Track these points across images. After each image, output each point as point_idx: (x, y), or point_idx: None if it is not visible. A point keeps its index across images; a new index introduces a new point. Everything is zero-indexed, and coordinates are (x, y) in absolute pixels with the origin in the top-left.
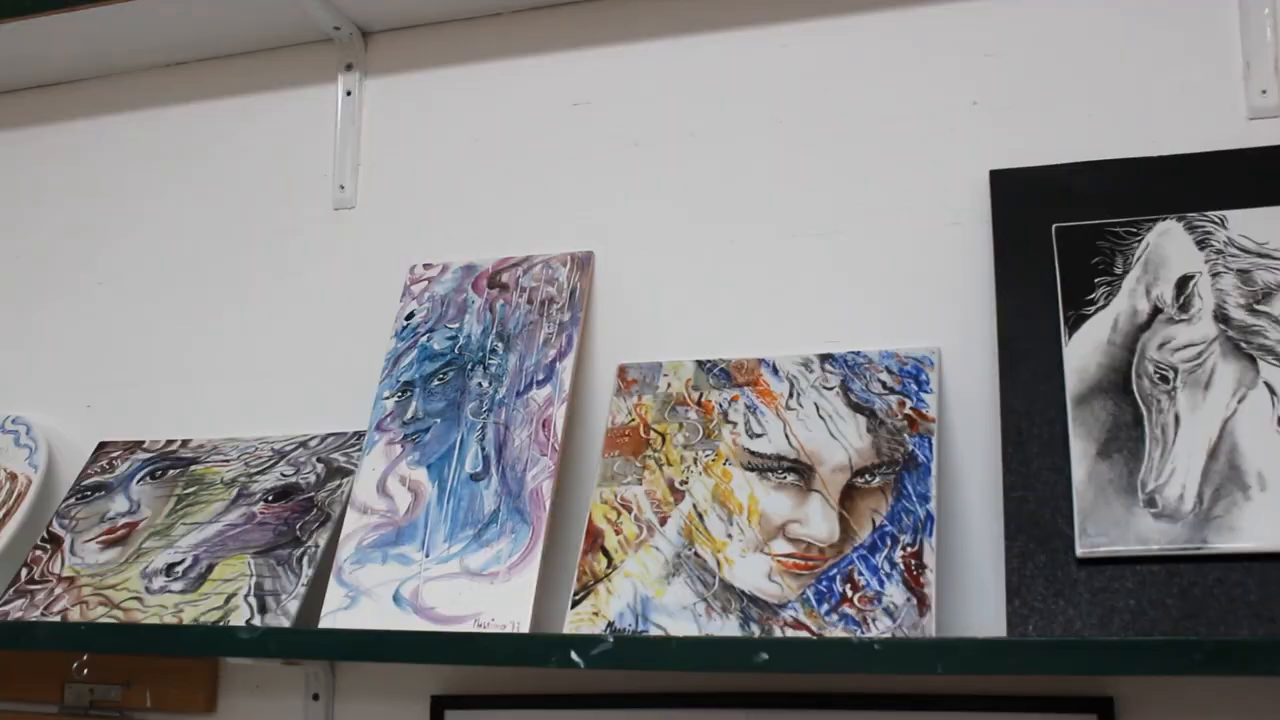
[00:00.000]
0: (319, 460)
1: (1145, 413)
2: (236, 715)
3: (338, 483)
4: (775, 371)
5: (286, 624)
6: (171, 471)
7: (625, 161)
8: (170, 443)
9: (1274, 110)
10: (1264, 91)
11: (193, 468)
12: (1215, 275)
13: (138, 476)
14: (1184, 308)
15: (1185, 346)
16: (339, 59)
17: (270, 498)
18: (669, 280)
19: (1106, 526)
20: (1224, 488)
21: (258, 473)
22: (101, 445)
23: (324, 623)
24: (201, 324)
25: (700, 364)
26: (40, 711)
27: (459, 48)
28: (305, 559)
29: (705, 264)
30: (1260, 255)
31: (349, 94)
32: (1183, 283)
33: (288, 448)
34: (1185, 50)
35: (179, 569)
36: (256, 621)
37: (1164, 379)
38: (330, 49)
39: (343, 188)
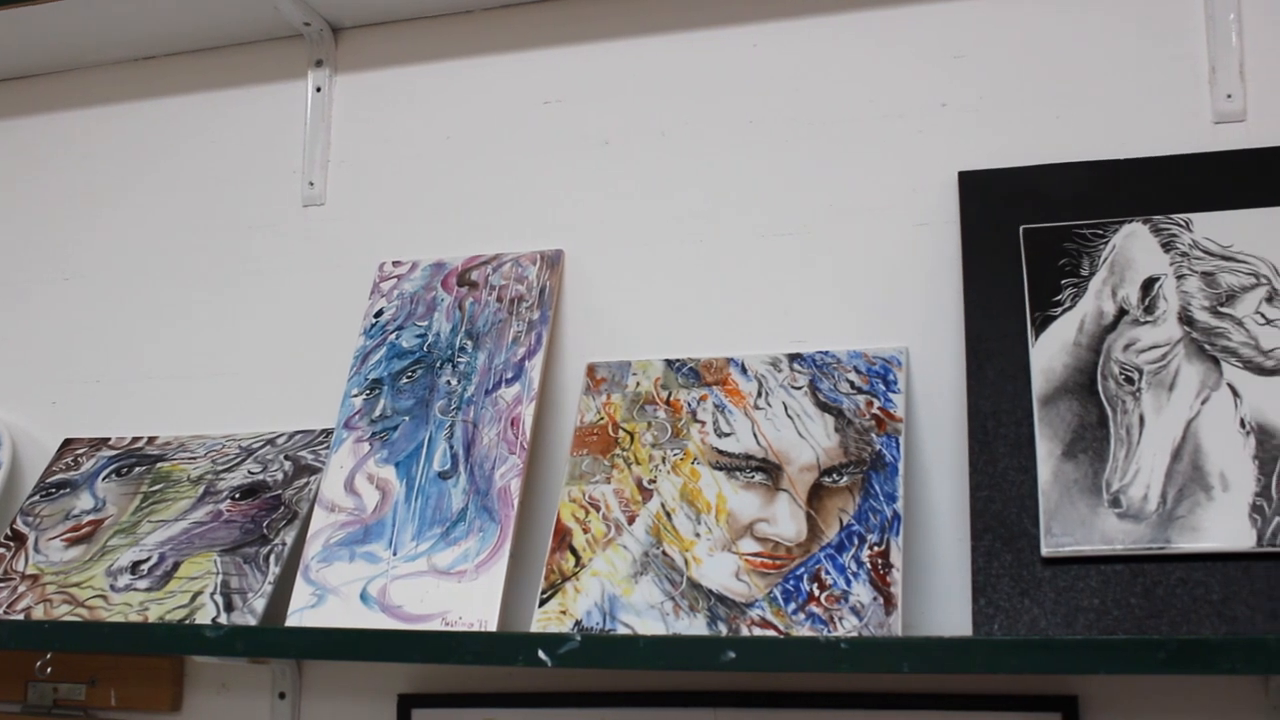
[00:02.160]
0: (286, 458)
1: (1110, 413)
2: (202, 714)
3: (305, 480)
4: (744, 371)
5: (253, 622)
6: (138, 469)
7: (596, 160)
8: (136, 440)
9: (1239, 115)
10: (1229, 96)
11: (159, 465)
12: (1180, 277)
13: (103, 474)
14: (1149, 309)
15: (1150, 348)
16: (309, 55)
17: (237, 495)
18: (638, 279)
19: (1071, 526)
20: (1187, 488)
21: (225, 470)
22: (67, 442)
23: (291, 621)
24: (169, 320)
25: (669, 363)
26: (3, 711)
27: (430, 45)
28: (272, 557)
29: (675, 263)
30: (1224, 258)
31: (319, 90)
32: (1148, 285)
33: (255, 445)
34: (1152, 55)
35: (144, 567)
36: (223, 620)
37: (1129, 380)
38: (300, 45)
39: (312, 184)
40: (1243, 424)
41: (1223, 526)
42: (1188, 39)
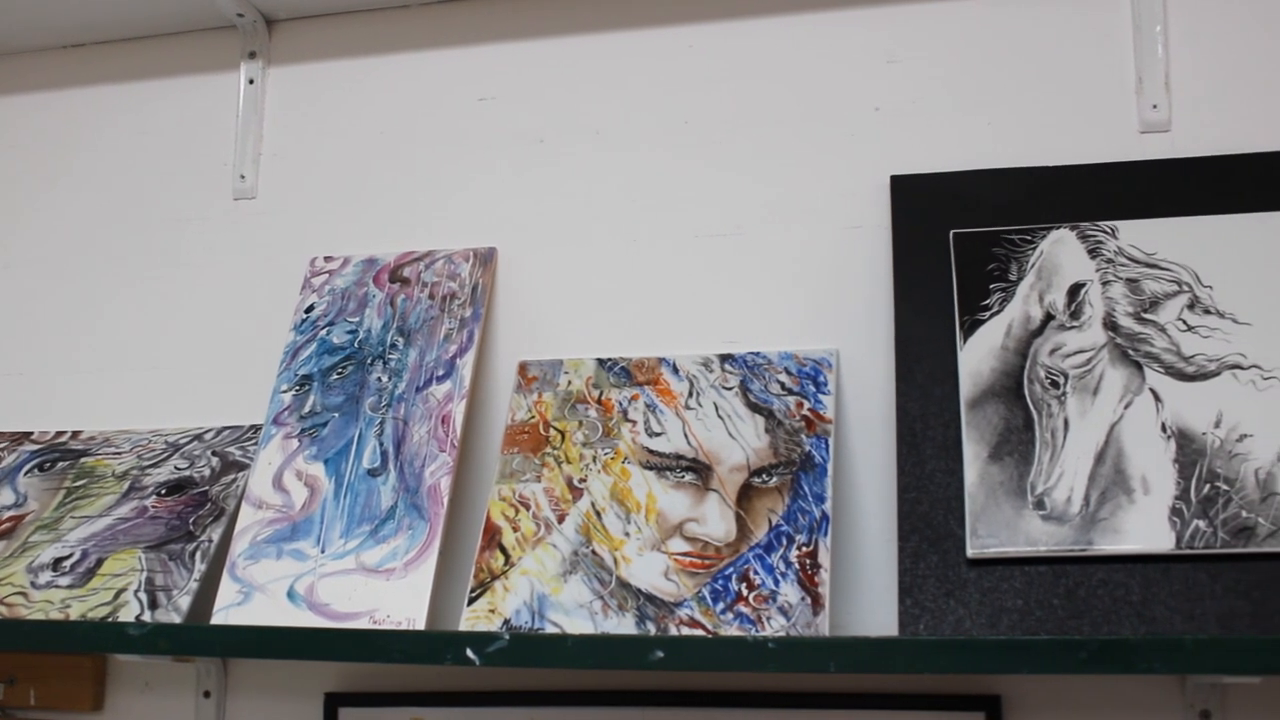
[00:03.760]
0: (214, 454)
1: (1036, 417)
2: (125, 714)
3: (233, 477)
4: (675, 371)
5: (178, 620)
6: (61, 464)
7: (530, 158)
8: (60, 434)
9: (1164, 125)
10: (1155, 106)
11: (83, 460)
12: (1106, 284)
13: (25, 468)
14: (1075, 315)
15: (1076, 353)
16: (242, 46)
17: (163, 491)
18: (571, 278)
19: (996, 528)
20: (1109, 491)
21: (150, 466)
22: None
23: (216, 619)
24: (95, 313)
25: (601, 362)
26: None
27: (365, 39)
28: (198, 554)
29: (607, 262)
30: (1148, 265)
31: (251, 82)
32: (1074, 290)
33: (182, 440)
34: (1081, 64)
35: (67, 563)
36: (146, 617)
37: (1055, 384)
38: (233, 36)
39: (243, 178)
40: (1164, 428)
41: (1143, 528)
42: (1115, 50)
